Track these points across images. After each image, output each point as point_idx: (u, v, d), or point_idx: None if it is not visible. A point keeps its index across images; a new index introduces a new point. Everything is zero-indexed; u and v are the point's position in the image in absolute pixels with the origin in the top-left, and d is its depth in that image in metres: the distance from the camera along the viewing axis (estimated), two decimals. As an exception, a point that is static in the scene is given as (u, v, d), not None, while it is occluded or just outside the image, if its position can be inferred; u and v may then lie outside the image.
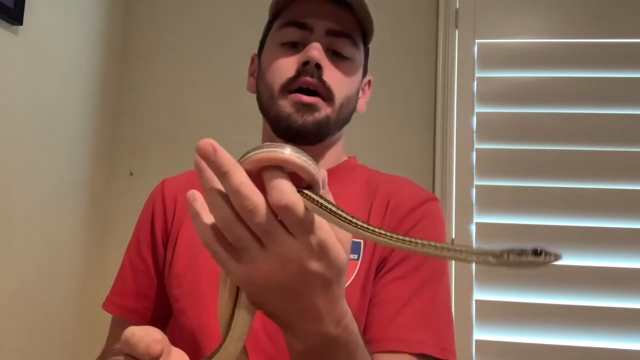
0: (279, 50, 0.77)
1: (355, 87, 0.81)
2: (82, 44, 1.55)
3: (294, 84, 0.74)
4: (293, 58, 0.75)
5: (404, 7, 1.67)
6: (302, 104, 0.74)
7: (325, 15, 0.76)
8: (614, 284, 1.44)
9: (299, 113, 0.74)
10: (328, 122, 0.76)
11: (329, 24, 0.76)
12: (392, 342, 0.69)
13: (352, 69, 0.79)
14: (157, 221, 0.83)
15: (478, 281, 1.49)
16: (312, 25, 0.75)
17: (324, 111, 0.75)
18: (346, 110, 0.79)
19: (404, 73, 1.63)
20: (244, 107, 1.70)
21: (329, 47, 0.76)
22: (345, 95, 0.78)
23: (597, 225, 1.48)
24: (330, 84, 0.75)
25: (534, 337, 1.44)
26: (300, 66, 0.74)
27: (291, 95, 0.74)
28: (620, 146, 1.51)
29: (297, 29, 0.76)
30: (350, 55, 0.78)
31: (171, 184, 0.86)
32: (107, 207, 1.67)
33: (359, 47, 0.79)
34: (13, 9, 1.24)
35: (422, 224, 0.77)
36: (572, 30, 1.58)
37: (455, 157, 1.56)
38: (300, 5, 0.77)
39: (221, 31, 1.73)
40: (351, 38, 0.77)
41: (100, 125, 1.64)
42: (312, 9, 0.76)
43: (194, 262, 0.76)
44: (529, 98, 1.56)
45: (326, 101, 0.75)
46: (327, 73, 0.75)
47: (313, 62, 0.73)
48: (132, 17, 1.78)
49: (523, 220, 1.51)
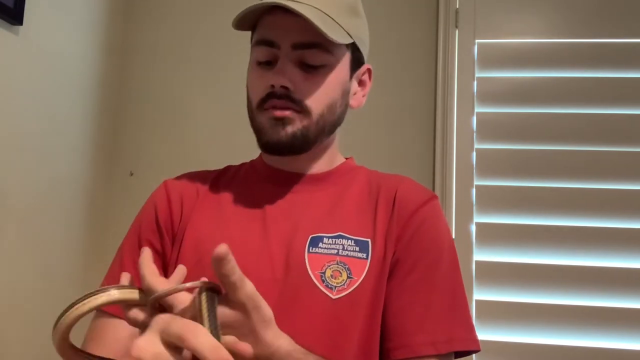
0: (254, 69, 0.80)
1: (338, 90, 0.80)
2: (82, 43, 1.55)
3: (267, 104, 0.77)
4: (264, 78, 0.77)
5: (403, 7, 1.67)
6: (275, 117, 0.76)
7: (288, 29, 0.75)
8: (614, 284, 1.44)
9: (272, 128, 0.76)
10: (307, 132, 0.77)
11: (294, 38, 0.75)
12: (421, 347, 0.70)
13: (328, 76, 0.78)
14: (162, 219, 0.82)
15: (478, 281, 1.49)
16: (279, 42, 0.76)
17: (300, 123, 0.76)
18: (331, 116, 0.79)
19: (404, 73, 1.63)
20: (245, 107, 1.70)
21: (299, 59, 0.76)
22: (324, 104, 0.78)
23: (597, 225, 1.48)
24: (303, 98, 0.76)
25: (534, 337, 1.44)
26: (269, 88, 0.76)
27: (266, 111, 0.77)
28: (620, 146, 1.51)
29: (266, 47, 0.77)
30: (323, 62, 0.77)
31: (174, 185, 0.86)
32: (107, 207, 1.67)
33: (333, 50, 0.78)
34: (13, 9, 1.24)
35: (424, 226, 0.78)
36: (572, 30, 1.58)
37: (455, 157, 1.56)
38: (267, 20, 0.77)
39: (221, 31, 1.73)
40: (320, 46, 0.76)
41: (100, 125, 1.64)
42: (277, 24, 0.76)
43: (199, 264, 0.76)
44: (529, 98, 1.56)
45: (300, 114, 0.76)
46: (298, 89, 0.76)
47: (277, 86, 0.75)
48: (132, 17, 1.78)
49: (523, 220, 1.51)
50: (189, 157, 1.67)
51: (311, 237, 0.76)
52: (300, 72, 0.77)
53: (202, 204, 0.82)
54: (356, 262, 0.74)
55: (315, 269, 0.73)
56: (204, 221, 0.80)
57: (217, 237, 0.77)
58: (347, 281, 0.73)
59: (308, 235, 0.76)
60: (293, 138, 0.76)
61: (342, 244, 0.75)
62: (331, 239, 0.76)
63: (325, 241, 0.76)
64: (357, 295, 0.72)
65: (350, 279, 0.73)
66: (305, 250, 0.75)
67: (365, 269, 0.74)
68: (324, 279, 0.73)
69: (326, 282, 0.72)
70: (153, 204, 0.84)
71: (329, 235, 0.76)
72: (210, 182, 0.86)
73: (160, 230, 0.81)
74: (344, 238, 0.76)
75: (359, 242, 0.76)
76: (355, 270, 0.73)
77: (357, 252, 0.75)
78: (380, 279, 0.74)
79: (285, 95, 0.75)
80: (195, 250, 0.77)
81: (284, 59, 0.76)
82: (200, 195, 0.83)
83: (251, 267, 0.74)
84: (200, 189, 0.84)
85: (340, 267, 0.74)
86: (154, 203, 0.84)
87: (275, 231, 0.78)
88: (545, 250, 1.48)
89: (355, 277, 0.73)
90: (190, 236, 0.79)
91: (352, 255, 0.74)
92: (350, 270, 0.73)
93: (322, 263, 0.74)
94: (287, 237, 0.76)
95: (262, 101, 0.77)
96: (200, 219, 0.80)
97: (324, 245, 0.75)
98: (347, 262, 0.74)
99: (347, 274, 0.73)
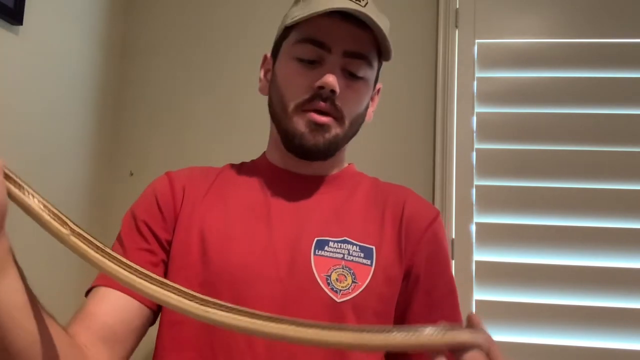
0: (294, 65, 0.79)
1: (366, 103, 0.84)
2: (82, 43, 1.55)
3: (308, 105, 0.77)
4: (308, 77, 0.77)
5: (403, 7, 1.67)
6: (316, 123, 0.76)
7: (343, 36, 0.77)
8: (615, 284, 1.44)
9: (312, 133, 0.77)
10: (337, 140, 0.79)
11: (346, 45, 0.77)
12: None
13: (364, 89, 0.81)
14: (163, 202, 0.81)
15: (478, 281, 1.49)
16: (330, 45, 0.76)
17: (334, 130, 0.78)
18: (355, 126, 0.83)
19: (403, 73, 1.63)
20: (245, 107, 1.70)
21: (345, 67, 0.78)
22: (355, 114, 0.81)
23: (597, 225, 1.48)
24: (342, 106, 0.78)
25: (534, 337, 1.44)
26: (315, 89, 0.76)
27: (306, 114, 0.77)
28: (620, 146, 1.51)
29: (315, 47, 0.77)
30: (365, 76, 0.80)
31: (176, 175, 0.86)
32: (107, 207, 1.67)
33: (374, 67, 0.81)
34: (13, 9, 1.24)
35: (437, 243, 0.82)
36: (572, 30, 1.58)
37: (455, 157, 1.56)
38: (319, 22, 0.77)
39: (222, 30, 1.73)
40: (367, 59, 0.79)
41: (100, 125, 1.64)
42: (331, 27, 0.77)
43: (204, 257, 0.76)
44: (529, 98, 1.56)
45: (337, 121, 0.78)
46: (342, 95, 0.77)
47: (328, 89, 0.75)
48: (133, 17, 1.78)
49: (523, 220, 1.51)
50: (189, 158, 1.67)
51: (317, 240, 0.77)
52: (344, 79, 0.78)
53: (206, 198, 0.82)
54: (361, 267, 0.75)
55: (321, 272, 0.74)
56: (208, 217, 0.80)
57: (222, 234, 0.77)
58: (352, 286, 0.74)
59: (314, 238, 0.77)
60: (329, 145, 0.78)
61: (347, 248, 0.77)
62: (337, 243, 0.77)
63: (331, 245, 0.77)
64: (361, 300, 0.73)
65: (354, 283, 0.74)
66: (312, 252, 0.75)
67: (369, 276, 0.75)
68: (329, 282, 0.73)
69: (331, 285, 0.73)
70: (152, 190, 0.84)
71: (335, 240, 0.77)
72: (214, 178, 0.86)
73: (162, 211, 0.80)
74: (350, 243, 0.77)
75: (363, 248, 0.77)
76: (360, 276, 0.75)
77: (362, 258, 0.76)
78: (386, 286, 0.76)
79: (331, 99, 0.76)
80: (199, 246, 0.77)
81: (333, 63, 0.77)
82: (202, 189, 0.83)
83: (255, 264, 0.75)
84: (203, 183, 0.85)
85: (345, 272, 0.74)
86: (154, 189, 0.84)
87: (280, 231, 0.78)
88: (546, 250, 1.48)
89: (360, 282, 0.74)
90: (194, 231, 0.78)
91: (357, 260, 0.76)
92: (355, 275, 0.74)
93: (328, 266, 0.74)
94: (293, 238, 0.77)
95: (304, 102, 0.77)
96: (204, 215, 0.80)
97: (329, 249, 0.76)
98: (352, 267, 0.75)
99: (352, 279, 0.74)
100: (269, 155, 0.88)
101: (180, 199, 0.82)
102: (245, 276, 0.73)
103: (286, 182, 0.84)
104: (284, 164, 0.85)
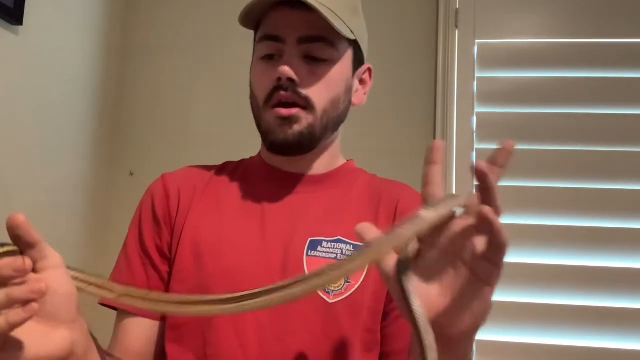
0: (259, 65, 0.80)
1: (341, 86, 0.81)
2: (82, 43, 1.55)
3: (273, 99, 0.76)
4: (269, 73, 0.77)
5: (404, 7, 1.67)
6: (282, 117, 0.76)
7: (294, 24, 0.76)
8: (614, 284, 1.44)
9: (280, 128, 0.76)
10: (312, 130, 0.77)
11: (299, 32, 0.76)
12: None
13: (332, 70, 0.79)
14: (160, 212, 0.82)
15: (478, 281, 1.49)
16: (284, 36, 0.77)
17: (305, 121, 0.76)
18: (334, 112, 0.80)
19: (403, 73, 1.63)
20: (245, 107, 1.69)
21: (305, 53, 0.77)
22: (328, 99, 0.78)
23: (597, 225, 1.48)
24: (308, 93, 0.76)
25: (534, 337, 1.44)
26: (275, 81, 0.76)
27: (272, 110, 0.77)
28: (620, 146, 1.51)
29: (271, 42, 0.77)
30: (328, 57, 0.78)
31: (172, 178, 0.86)
32: (107, 207, 1.67)
33: (337, 45, 0.78)
34: (13, 9, 1.24)
35: None
36: (573, 30, 1.58)
37: (455, 156, 1.56)
38: (272, 17, 0.78)
39: (222, 30, 1.73)
40: (325, 40, 0.77)
41: (100, 125, 1.65)
42: (282, 19, 0.77)
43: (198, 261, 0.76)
44: (529, 98, 1.56)
45: (306, 110, 0.76)
46: (303, 83, 0.76)
47: (284, 78, 0.75)
48: (132, 17, 1.78)
49: (523, 220, 1.51)
50: (189, 157, 1.66)
51: (310, 240, 0.76)
52: (306, 65, 0.77)
53: (200, 199, 0.82)
54: None
55: None
56: (202, 218, 0.80)
57: (215, 236, 0.77)
58: (345, 285, 0.73)
59: (307, 238, 0.76)
60: (300, 137, 0.77)
61: (340, 248, 0.76)
62: (330, 243, 0.76)
63: (325, 245, 0.76)
64: (354, 299, 0.73)
65: (347, 283, 0.73)
66: (304, 253, 0.75)
67: (363, 274, 0.74)
68: None
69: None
70: (150, 197, 0.84)
71: (328, 239, 0.76)
72: (209, 178, 0.86)
73: (158, 223, 0.81)
74: (343, 243, 0.76)
75: (357, 247, 0.75)
76: (353, 275, 0.74)
77: None
78: (379, 283, 0.74)
79: (292, 88, 0.76)
80: (193, 248, 0.77)
81: (289, 53, 0.76)
82: (198, 190, 0.83)
83: (248, 265, 0.75)
84: (199, 183, 0.84)
85: None
86: (152, 196, 0.84)
87: (273, 231, 0.77)
88: (546, 250, 1.48)
89: (353, 281, 0.73)
90: (188, 233, 0.79)
91: None
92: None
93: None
94: (286, 238, 0.76)
95: (268, 97, 0.77)
96: (198, 216, 0.80)
97: (322, 249, 0.75)
98: None
99: (345, 278, 0.73)
100: (263, 153, 0.88)
101: (176, 203, 0.82)
102: (238, 279, 0.73)
103: (280, 181, 0.83)
104: (272, 162, 0.86)
